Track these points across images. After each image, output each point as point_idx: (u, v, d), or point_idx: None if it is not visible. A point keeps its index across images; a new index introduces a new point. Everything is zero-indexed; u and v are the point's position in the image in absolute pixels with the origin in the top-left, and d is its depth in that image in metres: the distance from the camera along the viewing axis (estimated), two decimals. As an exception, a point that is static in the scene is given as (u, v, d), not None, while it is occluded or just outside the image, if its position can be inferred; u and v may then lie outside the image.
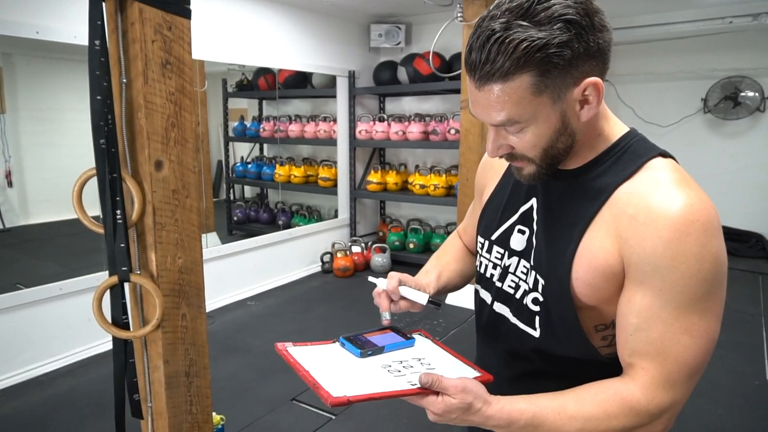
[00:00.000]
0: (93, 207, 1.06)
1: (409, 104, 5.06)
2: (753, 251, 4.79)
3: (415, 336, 0.98)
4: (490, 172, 1.03)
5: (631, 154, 0.79)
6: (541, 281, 0.83)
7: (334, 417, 2.36)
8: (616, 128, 0.83)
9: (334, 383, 0.76)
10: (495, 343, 0.95)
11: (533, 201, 0.88)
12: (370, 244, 4.80)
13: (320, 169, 4.96)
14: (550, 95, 0.71)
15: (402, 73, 4.54)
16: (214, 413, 1.39)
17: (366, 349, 0.87)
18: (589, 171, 0.80)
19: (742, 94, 4.65)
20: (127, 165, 1.06)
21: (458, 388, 0.73)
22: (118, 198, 1.02)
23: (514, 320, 0.90)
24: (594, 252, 0.76)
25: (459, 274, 1.11)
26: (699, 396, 2.54)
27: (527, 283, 0.86)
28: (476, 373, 0.84)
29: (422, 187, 4.52)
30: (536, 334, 0.85)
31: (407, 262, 4.68)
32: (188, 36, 1.12)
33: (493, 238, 0.95)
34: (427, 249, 4.77)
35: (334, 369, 0.82)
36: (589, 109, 0.74)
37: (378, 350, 0.88)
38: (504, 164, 0.98)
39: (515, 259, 0.90)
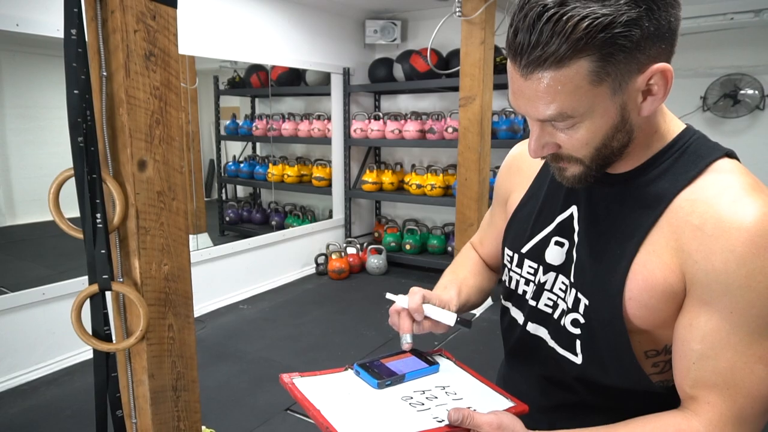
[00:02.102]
0: (72, 209, 0.99)
1: (405, 102, 4.99)
2: (751, 251, 4.78)
3: (439, 358, 0.88)
4: (518, 176, 0.91)
5: (691, 155, 0.69)
6: (584, 300, 0.73)
7: (330, 425, 2.29)
8: (672, 125, 0.73)
9: (350, 426, 0.66)
10: (529, 368, 0.86)
11: (573, 209, 0.78)
12: (365, 245, 4.73)
13: (314, 169, 4.90)
14: (610, 85, 0.60)
15: (398, 71, 4.48)
16: (203, 427, 1.32)
17: (384, 378, 0.77)
18: (643, 174, 0.71)
19: (742, 92, 4.63)
20: (108, 165, 0.99)
21: (493, 426, 0.64)
22: (98, 200, 0.95)
23: (552, 344, 0.80)
24: (651, 269, 0.67)
25: (478, 290, 1.00)
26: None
27: (566, 302, 0.77)
28: (509, 404, 0.75)
29: (419, 186, 4.46)
30: (578, 360, 0.76)
31: (404, 264, 4.62)
32: (174, 26, 1.04)
33: (524, 250, 0.84)
34: (424, 250, 4.71)
35: (349, 406, 0.72)
36: (654, 101, 0.64)
37: (398, 379, 0.78)
38: (535, 166, 0.87)
39: (552, 274, 0.80)
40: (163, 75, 1.04)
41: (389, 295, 0.91)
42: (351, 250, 4.59)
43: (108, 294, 1.02)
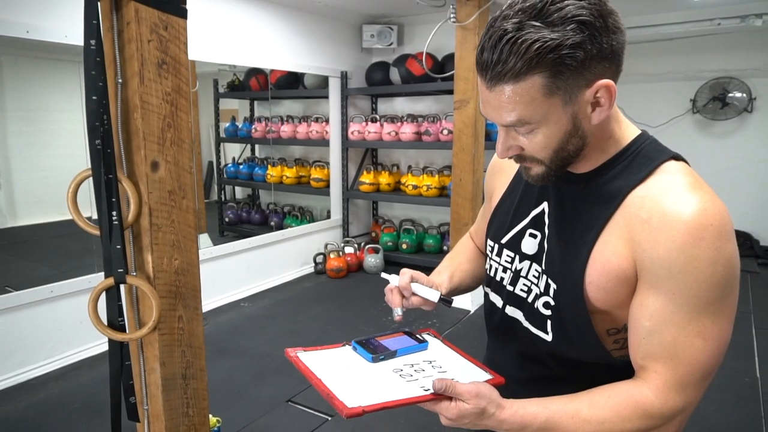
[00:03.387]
0: (85, 208, 1.05)
1: (401, 105, 5.06)
2: (741, 250, 4.85)
3: (427, 336, 0.98)
4: (500, 175, 1.02)
5: (643, 158, 0.78)
6: (553, 285, 0.83)
7: (330, 418, 2.35)
8: (627, 131, 0.82)
9: (348, 393, 0.75)
10: (508, 345, 0.95)
11: (545, 205, 0.87)
12: (363, 244, 4.79)
13: (312, 170, 4.95)
14: (561, 97, 0.70)
15: (394, 74, 4.54)
16: (210, 415, 1.38)
17: (378, 353, 0.86)
18: (602, 175, 0.80)
19: (730, 94, 4.70)
20: (123, 166, 1.05)
21: (472, 393, 0.73)
22: (114, 199, 1.01)
23: (526, 324, 0.89)
24: (607, 256, 0.76)
25: (471, 275, 1.11)
26: (691, 394, 2.56)
27: (538, 287, 0.86)
28: (488, 376, 0.84)
29: (415, 187, 4.53)
30: (549, 338, 0.85)
31: (400, 263, 4.68)
32: (184, 36, 1.11)
33: (504, 241, 0.94)
34: (420, 249, 4.78)
35: (347, 376, 0.81)
36: (601, 112, 0.73)
37: (390, 354, 0.87)
38: (514, 167, 0.97)
39: (527, 263, 0.89)
40: (174, 81, 1.10)
41: (383, 275, 1.02)
42: (349, 250, 4.65)
43: (121, 287, 1.08)
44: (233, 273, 3.95)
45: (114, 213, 1.03)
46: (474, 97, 3.30)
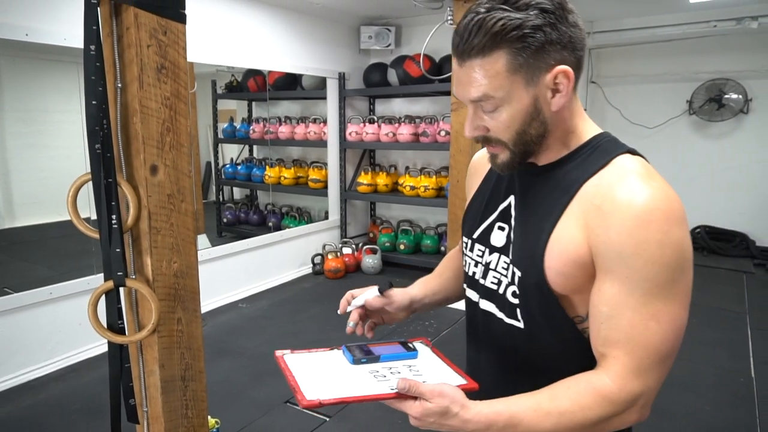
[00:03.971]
0: (84, 210, 1.06)
1: (399, 106, 5.07)
2: (737, 250, 4.86)
3: (417, 343, 0.99)
4: (475, 177, 1.07)
5: (601, 152, 0.83)
6: (518, 273, 0.86)
7: (328, 419, 2.36)
8: (589, 128, 0.87)
9: (313, 387, 0.78)
10: (485, 342, 0.97)
11: (511, 198, 0.91)
12: (360, 245, 4.80)
13: (310, 171, 4.96)
14: (524, 76, 0.76)
15: (392, 75, 4.55)
16: (209, 417, 1.38)
17: (360, 357, 0.89)
18: (562, 166, 0.85)
19: (726, 96, 4.72)
20: (122, 170, 1.06)
21: (435, 393, 0.75)
22: (113, 203, 1.02)
23: (500, 315, 0.92)
24: (564, 242, 0.79)
25: (439, 288, 1.15)
26: (687, 393, 2.57)
27: (507, 278, 0.89)
28: (462, 381, 0.85)
29: (412, 188, 4.54)
30: (521, 325, 0.88)
31: (398, 263, 4.69)
32: (183, 41, 1.12)
33: (475, 236, 0.98)
34: (418, 250, 4.79)
35: (321, 374, 0.84)
36: (560, 98, 0.78)
37: (373, 359, 0.89)
38: (486, 166, 1.01)
39: (496, 255, 0.92)
40: (173, 86, 1.11)
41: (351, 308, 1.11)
42: (347, 250, 4.66)
43: (121, 290, 1.09)
44: (231, 274, 3.96)
45: (113, 216, 1.04)
46: (471, 99, 3.31)
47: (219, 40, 3.67)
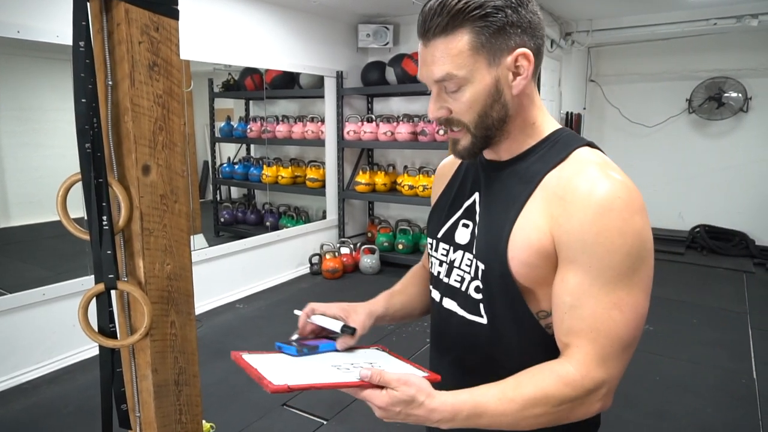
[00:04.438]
0: (75, 210, 1.03)
1: (397, 105, 5.05)
2: (737, 250, 4.85)
3: (373, 350, 1.00)
4: (440, 180, 1.07)
5: (561, 144, 0.85)
6: (481, 267, 0.86)
7: (326, 422, 2.34)
8: (549, 123, 0.88)
9: (278, 375, 0.80)
10: (447, 342, 0.97)
11: (476, 195, 0.92)
12: (359, 245, 4.78)
13: (308, 170, 4.94)
14: (486, 56, 0.78)
15: (390, 74, 4.53)
16: (204, 421, 1.36)
17: (301, 347, 0.92)
18: (524, 160, 0.86)
19: (726, 94, 4.71)
20: (114, 169, 1.04)
21: (401, 381, 0.74)
22: (104, 203, 1.00)
23: (462, 313, 0.91)
24: (528, 232, 0.80)
25: (418, 299, 1.13)
26: (687, 393, 2.56)
27: (470, 274, 0.89)
28: (424, 374, 0.84)
29: (411, 187, 4.52)
30: (484, 321, 0.87)
31: (396, 263, 4.67)
32: (176, 37, 1.09)
33: (439, 235, 0.97)
34: (416, 250, 4.77)
35: (283, 366, 0.86)
36: (521, 80, 0.80)
37: (313, 348, 0.93)
38: (452, 171, 1.03)
39: (460, 252, 0.92)
40: (166, 84, 1.08)
41: (296, 311, 1.10)
42: (345, 250, 4.64)
43: (112, 293, 1.06)
44: (228, 274, 3.94)
45: (104, 217, 1.01)
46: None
47: (215, 37, 3.64)
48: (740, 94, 4.67)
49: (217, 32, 3.66)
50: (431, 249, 1.00)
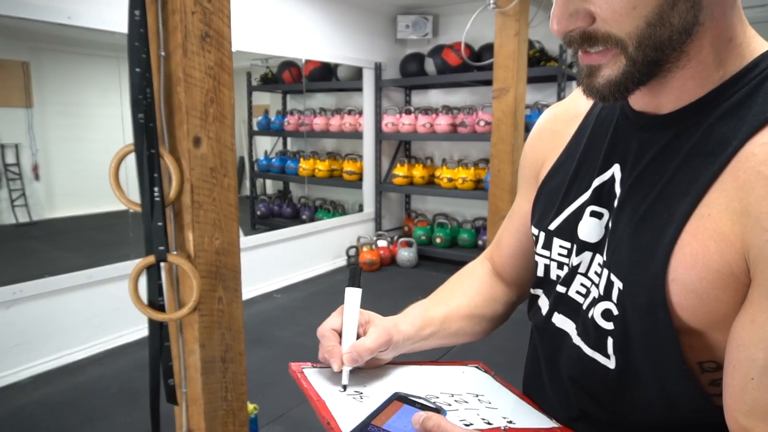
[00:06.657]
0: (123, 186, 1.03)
1: (435, 97, 4.99)
2: None
3: (471, 367, 0.75)
4: (552, 141, 0.70)
5: None
6: (618, 284, 0.54)
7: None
8: (755, 40, 0.51)
9: (351, 417, 0.56)
10: (553, 371, 0.66)
11: (616, 168, 0.58)
12: (396, 238, 4.75)
13: (345, 163, 4.93)
14: None
15: (429, 65, 4.48)
16: (248, 402, 1.36)
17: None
18: (709, 109, 0.51)
19: None
20: (165, 141, 1.03)
21: None
22: (156, 175, 0.99)
23: (578, 341, 0.61)
24: (703, 240, 0.48)
25: (467, 330, 0.78)
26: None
27: (599, 288, 0.58)
28: (553, 424, 0.62)
29: (450, 180, 4.46)
30: (611, 364, 0.57)
31: (434, 257, 4.62)
32: (228, 8, 1.08)
33: (552, 227, 0.65)
34: (454, 244, 4.71)
35: (353, 403, 0.61)
36: None
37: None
38: (573, 126, 0.67)
39: (588, 254, 0.61)
40: (217, 55, 1.07)
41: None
42: (382, 243, 4.62)
43: (161, 266, 1.06)
44: (265, 264, 3.96)
45: (156, 189, 1.01)
46: (514, 86, 3.21)
47: (256, 28, 3.67)
48: None
49: (258, 23, 3.68)
50: (538, 244, 0.68)
